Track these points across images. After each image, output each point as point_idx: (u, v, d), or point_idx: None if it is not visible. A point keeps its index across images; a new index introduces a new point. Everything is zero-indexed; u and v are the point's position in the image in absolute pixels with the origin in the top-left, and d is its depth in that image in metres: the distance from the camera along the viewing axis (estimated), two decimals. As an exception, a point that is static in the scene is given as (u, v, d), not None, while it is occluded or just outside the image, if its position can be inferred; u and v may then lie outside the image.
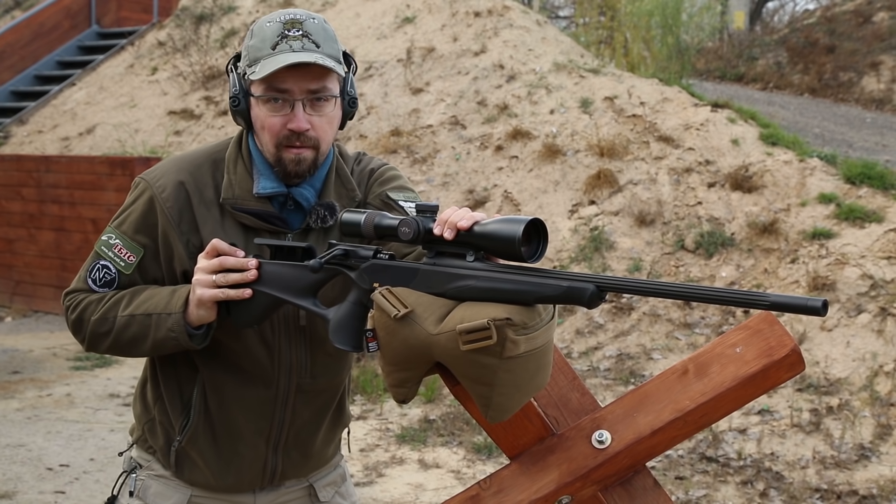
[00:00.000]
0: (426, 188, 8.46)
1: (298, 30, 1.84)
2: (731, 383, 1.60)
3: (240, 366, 1.95)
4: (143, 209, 1.93)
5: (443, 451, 5.57)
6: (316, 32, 1.85)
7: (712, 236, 7.19)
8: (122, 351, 1.93)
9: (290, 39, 1.83)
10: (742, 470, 5.15)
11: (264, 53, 1.83)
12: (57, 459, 5.39)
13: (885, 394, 5.60)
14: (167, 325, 1.84)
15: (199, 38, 12.09)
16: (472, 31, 10.24)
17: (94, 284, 1.94)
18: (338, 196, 1.96)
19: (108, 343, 1.92)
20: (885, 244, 6.50)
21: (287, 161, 1.87)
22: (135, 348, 1.91)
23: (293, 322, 1.95)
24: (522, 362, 1.54)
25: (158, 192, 1.92)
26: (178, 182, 1.92)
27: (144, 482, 2.05)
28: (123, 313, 1.89)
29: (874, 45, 13.80)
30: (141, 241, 1.93)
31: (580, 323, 6.95)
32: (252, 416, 1.98)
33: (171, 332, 1.84)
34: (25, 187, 9.74)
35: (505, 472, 1.72)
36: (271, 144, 1.87)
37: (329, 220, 1.92)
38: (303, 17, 1.86)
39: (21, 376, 7.14)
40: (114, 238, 1.94)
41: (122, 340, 1.90)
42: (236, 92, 1.89)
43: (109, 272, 1.93)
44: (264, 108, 1.86)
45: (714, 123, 8.13)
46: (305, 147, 1.86)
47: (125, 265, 1.93)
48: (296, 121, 1.84)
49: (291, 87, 1.83)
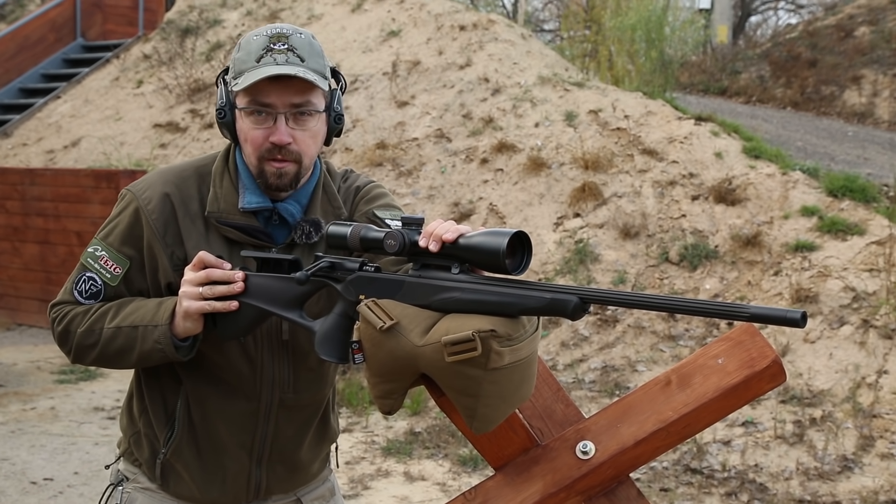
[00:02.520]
0: (412, 201, 8.47)
1: (284, 44, 1.85)
2: (714, 394, 1.62)
3: (222, 379, 1.96)
4: (129, 221, 1.94)
5: (428, 464, 5.57)
6: (301, 47, 1.86)
7: (696, 249, 7.23)
8: (109, 363, 1.94)
9: (274, 53, 1.84)
10: (726, 481, 5.17)
11: (249, 66, 1.84)
12: (41, 473, 5.36)
13: (867, 405, 5.63)
14: (153, 337, 1.85)
15: (184, 51, 12.09)
16: (457, 45, 10.28)
17: (81, 296, 1.94)
18: (324, 213, 1.97)
19: (94, 355, 1.93)
20: (866, 256, 6.55)
21: (269, 174, 1.88)
22: (121, 360, 1.92)
23: (276, 336, 1.95)
24: (507, 373, 1.55)
25: (144, 205, 1.92)
26: (163, 194, 1.93)
27: (131, 495, 2.06)
28: (110, 325, 1.89)
29: (856, 60, 13.91)
30: (127, 252, 1.93)
31: (565, 335, 6.97)
32: (235, 429, 1.98)
33: (158, 344, 1.84)
34: (10, 200, 9.70)
35: (490, 483, 1.73)
36: (254, 157, 1.88)
37: (314, 236, 1.92)
38: (289, 31, 1.88)
39: (5, 390, 7.10)
40: (100, 250, 1.94)
41: (108, 352, 1.91)
42: (223, 104, 1.91)
43: (95, 284, 1.94)
44: (248, 120, 1.87)
45: (698, 137, 8.18)
46: (287, 161, 1.87)
47: (111, 277, 1.93)
48: (277, 134, 1.85)
49: (274, 100, 1.84)
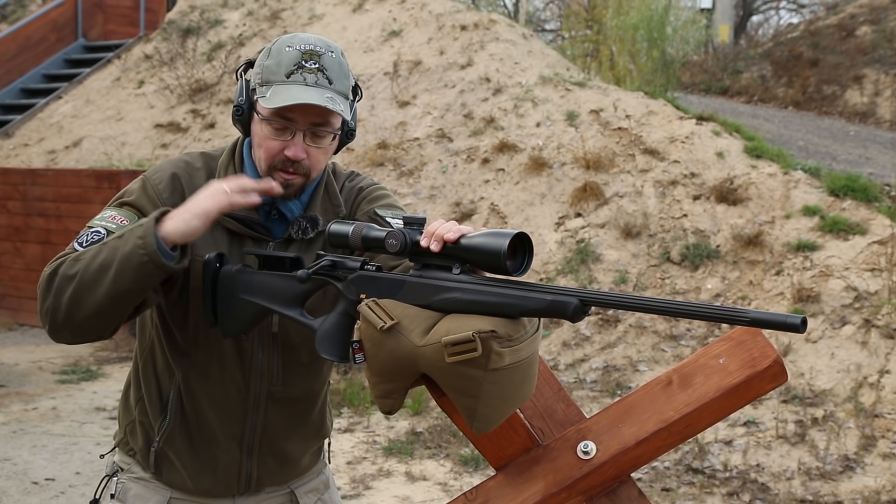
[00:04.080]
0: (413, 201, 8.47)
1: (315, 62, 1.86)
2: (715, 394, 1.62)
3: (212, 368, 1.97)
4: (138, 191, 1.93)
5: (430, 464, 5.57)
6: (331, 68, 1.87)
7: (698, 248, 7.22)
8: (83, 292, 1.74)
9: (305, 71, 1.85)
10: (728, 481, 5.16)
11: (278, 79, 1.85)
12: (42, 473, 5.36)
13: (869, 405, 5.63)
14: (136, 234, 1.73)
15: (185, 51, 12.09)
16: (458, 45, 10.28)
17: (81, 246, 1.82)
18: (323, 211, 1.99)
19: (72, 287, 1.74)
20: (868, 256, 6.54)
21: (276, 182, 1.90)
22: (97, 282, 1.73)
23: (266, 328, 1.96)
24: (507, 374, 1.55)
25: (155, 184, 1.93)
26: (172, 174, 1.95)
27: (125, 485, 2.07)
28: (97, 246, 1.78)
29: (857, 59, 13.91)
30: (136, 212, 1.90)
31: (567, 335, 6.97)
32: (225, 419, 2.00)
33: (139, 240, 1.71)
34: (11, 200, 9.71)
35: (491, 483, 1.73)
36: (265, 163, 1.90)
37: (310, 232, 1.94)
38: (322, 50, 1.88)
39: (6, 390, 7.11)
40: (108, 212, 1.90)
41: (87, 274, 1.73)
42: (241, 102, 1.92)
43: (98, 233, 1.84)
44: (266, 128, 1.88)
45: (699, 136, 8.18)
46: (297, 174, 1.89)
47: (117, 227, 1.85)
48: (294, 149, 1.87)
49: (297, 117, 1.86)
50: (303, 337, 1.95)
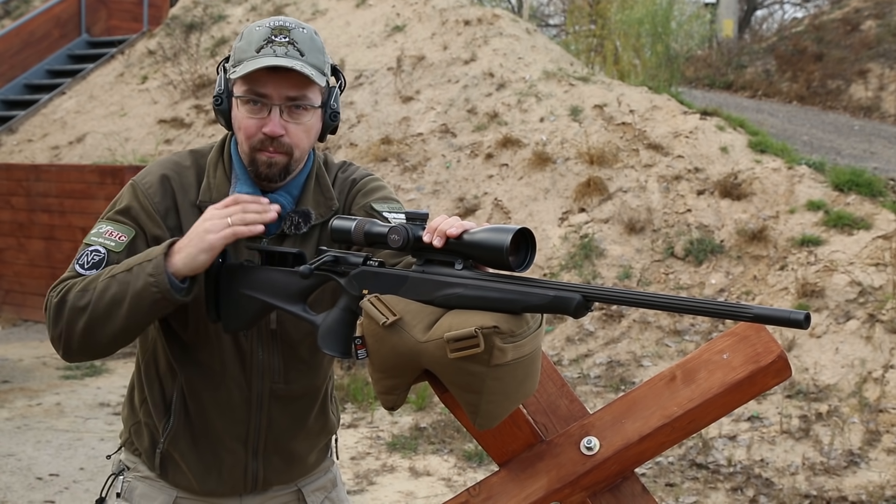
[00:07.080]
0: (416, 196, 8.47)
1: (286, 36, 1.87)
2: (719, 389, 1.61)
3: (213, 368, 1.97)
4: (129, 200, 1.94)
5: (433, 459, 5.57)
6: (303, 41, 1.88)
7: (702, 243, 7.22)
8: (97, 325, 1.80)
9: (275, 45, 1.85)
10: (732, 476, 5.16)
11: (248, 55, 1.86)
12: (47, 469, 5.37)
13: (873, 400, 5.62)
14: (147, 271, 1.76)
15: (189, 46, 12.09)
16: (461, 40, 10.27)
17: (83, 269, 1.86)
18: (315, 204, 1.98)
19: (84, 320, 1.79)
20: (873, 251, 6.53)
21: (259, 163, 1.90)
22: (110, 318, 1.79)
23: (265, 325, 1.96)
24: (510, 370, 1.54)
25: (145, 188, 1.94)
26: (161, 176, 1.95)
27: (131, 483, 2.07)
28: (105, 277, 1.82)
29: (862, 53, 13.87)
30: (131, 224, 1.92)
31: (570, 330, 6.96)
32: (228, 419, 1.99)
33: (151, 278, 1.75)
34: (15, 196, 9.72)
35: (494, 478, 1.72)
36: (246, 145, 1.90)
37: (303, 226, 1.94)
38: (292, 25, 1.89)
39: (10, 385, 7.12)
40: (104, 226, 1.92)
41: (99, 309, 1.78)
42: (220, 91, 1.93)
43: (98, 253, 1.87)
44: (243, 109, 1.89)
45: (703, 131, 8.16)
46: (278, 152, 1.89)
47: (115, 244, 1.88)
48: (270, 125, 1.86)
49: (271, 91, 1.86)
50: (302, 333, 1.95)
